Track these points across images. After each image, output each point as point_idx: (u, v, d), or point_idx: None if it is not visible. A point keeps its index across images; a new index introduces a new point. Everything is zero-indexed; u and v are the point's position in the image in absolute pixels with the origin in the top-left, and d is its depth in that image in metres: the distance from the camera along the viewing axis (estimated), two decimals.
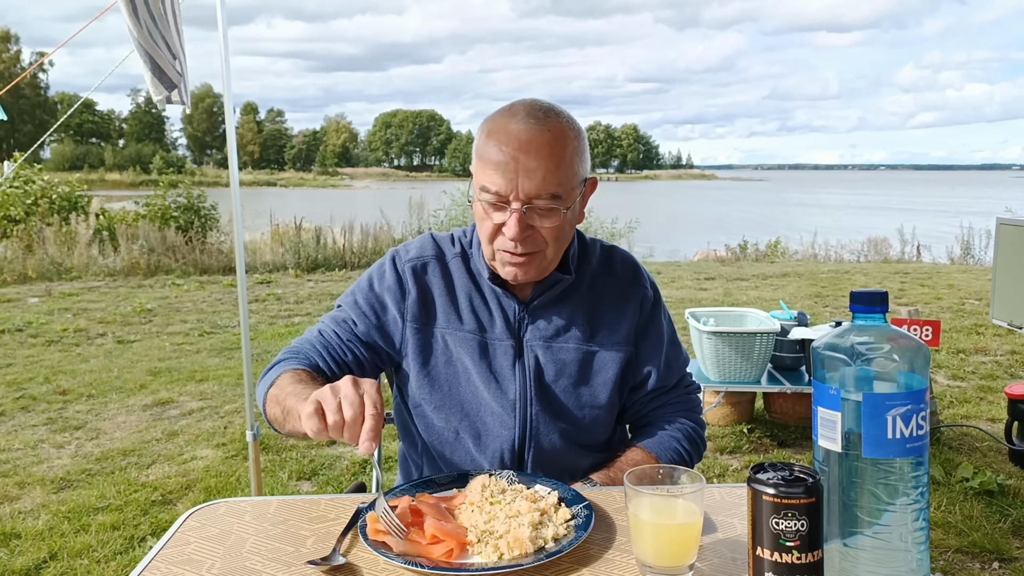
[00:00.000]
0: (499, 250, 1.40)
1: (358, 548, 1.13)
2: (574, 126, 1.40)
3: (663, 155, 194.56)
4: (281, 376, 1.40)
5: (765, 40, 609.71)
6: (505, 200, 1.35)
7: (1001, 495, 3.36)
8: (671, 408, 1.59)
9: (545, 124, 1.35)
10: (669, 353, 1.59)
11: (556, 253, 1.43)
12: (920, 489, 0.94)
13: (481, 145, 1.38)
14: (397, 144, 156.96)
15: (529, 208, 1.35)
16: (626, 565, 1.08)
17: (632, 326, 1.53)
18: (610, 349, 1.51)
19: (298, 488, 3.69)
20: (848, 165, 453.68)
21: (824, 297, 8.64)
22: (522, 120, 1.35)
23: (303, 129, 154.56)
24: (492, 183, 1.34)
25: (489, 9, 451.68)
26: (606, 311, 1.52)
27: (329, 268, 11.54)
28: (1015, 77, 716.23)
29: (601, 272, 1.55)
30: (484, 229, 1.40)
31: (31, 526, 3.25)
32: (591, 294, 1.53)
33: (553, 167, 1.34)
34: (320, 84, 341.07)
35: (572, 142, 1.37)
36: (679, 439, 1.53)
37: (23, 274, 10.45)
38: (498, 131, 1.36)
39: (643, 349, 1.55)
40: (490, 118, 1.41)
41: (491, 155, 1.35)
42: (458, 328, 1.48)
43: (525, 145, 1.33)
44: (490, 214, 1.38)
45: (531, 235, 1.37)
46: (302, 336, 1.56)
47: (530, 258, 1.40)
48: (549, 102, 1.42)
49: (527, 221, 1.35)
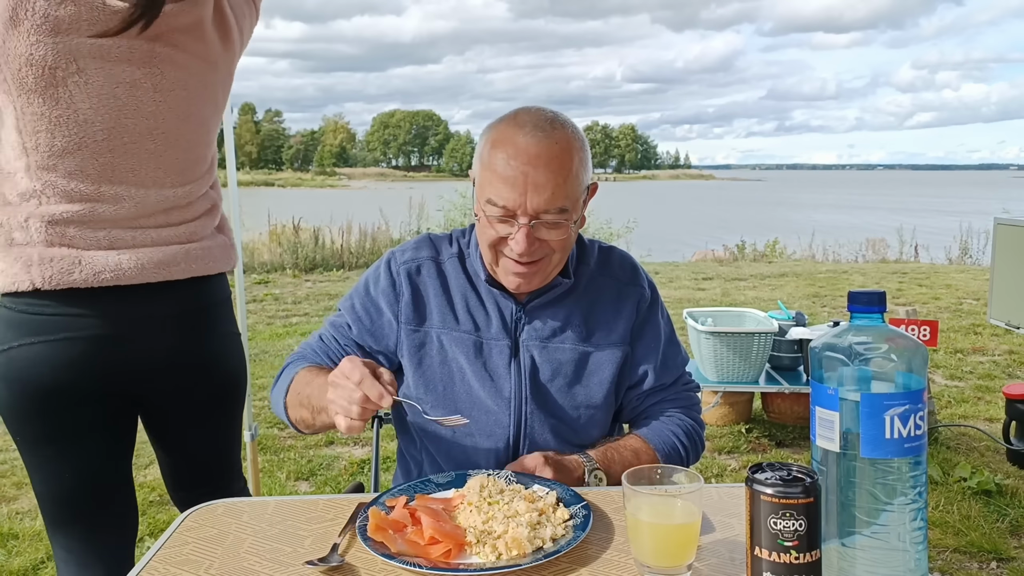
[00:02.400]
0: (503, 258, 1.40)
1: (356, 548, 1.13)
2: (578, 135, 1.40)
3: (661, 155, 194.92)
4: (295, 379, 1.44)
5: (763, 40, 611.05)
6: (512, 214, 1.35)
7: (999, 495, 3.36)
8: (669, 405, 1.59)
9: (553, 136, 1.34)
10: (667, 352, 1.58)
11: (560, 260, 1.44)
12: (918, 489, 0.94)
13: (486, 155, 1.37)
14: (395, 144, 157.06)
15: (536, 222, 1.35)
16: (624, 565, 1.08)
17: (629, 325, 1.53)
18: (606, 349, 1.51)
19: (296, 488, 3.69)
20: (846, 165, 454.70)
21: (822, 297, 8.65)
22: (530, 133, 1.34)
23: (301, 129, 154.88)
24: (500, 197, 1.34)
25: (487, 10, 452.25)
26: (603, 311, 1.53)
27: (327, 268, 11.52)
28: (1012, 77, 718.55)
29: (599, 273, 1.56)
30: (487, 237, 1.40)
31: (29, 527, 3.24)
32: (588, 294, 1.53)
33: (562, 181, 1.34)
34: (319, 84, 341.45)
35: (578, 153, 1.37)
36: (677, 434, 1.53)
37: None
38: (505, 143, 1.35)
39: (640, 348, 1.55)
40: (495, 126, 1.40)
41: (498, 168, 1.34)
42: (454, 328, 1.49)
43: (534, 160, 1.32)
44: (495, 226, 1.37)
45: (538, 247, 1.37)
46: (306, 341, 1.60)
47: (535, 267, 1.40)
48: (552, 110, 1.41)
49: (535, 235, 1.36)
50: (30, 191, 1.44)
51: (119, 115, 1.47)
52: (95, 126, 1.45)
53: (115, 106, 1.46)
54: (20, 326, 1.46)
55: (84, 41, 1.42)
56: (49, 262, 1.44)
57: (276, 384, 1.53)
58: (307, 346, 1.58)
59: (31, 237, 1.45)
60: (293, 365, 1.52)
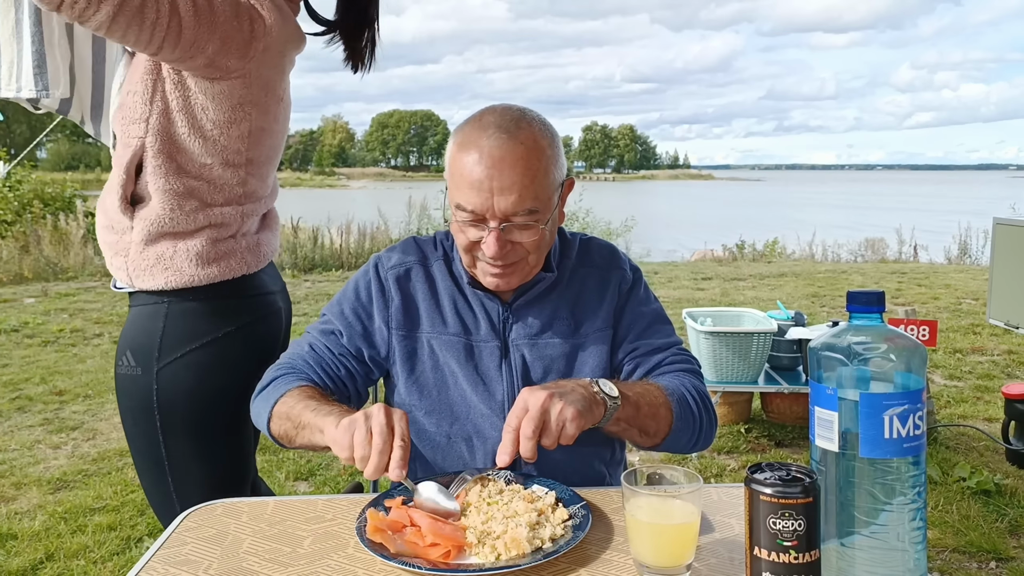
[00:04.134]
0: (479, 260, 1.39)
1: (355, 548, 1.13)
2: (547, 132, 1.36)
3: (660, 155, 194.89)
4: (288, 393, 1.38)
5: (762, 41, 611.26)
6: (481, 219, 1.33)
7: (998, 495, 3.37)
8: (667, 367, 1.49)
9: (517, 137, 1.32)
10: (654, 325, 1.52)
11: (539, 260, 1.42)
12: (917, 489, 0.94)
13: (453, 158, 1.35)
14: (394, 144, 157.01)
15: (507, 225, 1.33)
16: (623, 565, 1.08)
17: (612, 307, 1.50)
18: (595, 340, 1.49)
19: (295, 489, 3.69)
20: (845, 165, 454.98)
21: (821, 297, 8.65)
22: (493, 135, 1.31)
23: (300, 129, 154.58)
24: (467, 202, 1.32)
25: (487, 10, 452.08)
26: (588, 300, 1.51)
27: (326, 268, 11.52)
28: (1011, 77, 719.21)
29: (580, 264, 1.54)
30: (460, 241, 1.39)
31: (27, 527, 3.24)
32: (572, 287, 1.51)
33: (528, 182, 1.31)
34: (318, 84, 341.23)
35: (545, 152, 1.34)
36: (684, 386, 1.44)
37: (19, 274, 10.43)
38: (469, 146, 1.33)
39: (623, 326, 1.51)
40: (461, 128, 1.38)
41: (464, 172, 1.32)
42: (443, 332, 1.48)
43: (498, 163, 1.29)
44: (466, 231, 1.36)
45: (511, 249, 1.36)
46: (290, 351, 1.52)
47: (512, 268, 1.38)
48: (520, 108, 1.38)
49: (506, 237, 1.34)
50: (246, 194, 1.71)
51: (286, 125, 1.82)
52: (281, 136, 1.79)
53: (286, 117, 1.80)
54: (226, 313, 1.69)
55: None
56: (256, 247, 1.75)
57: (261, 394, 1.44)
58: (296, 356, 1.48)
59: (248, 228, 1.74)
60: (283, 379, 1.42)
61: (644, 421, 1.34)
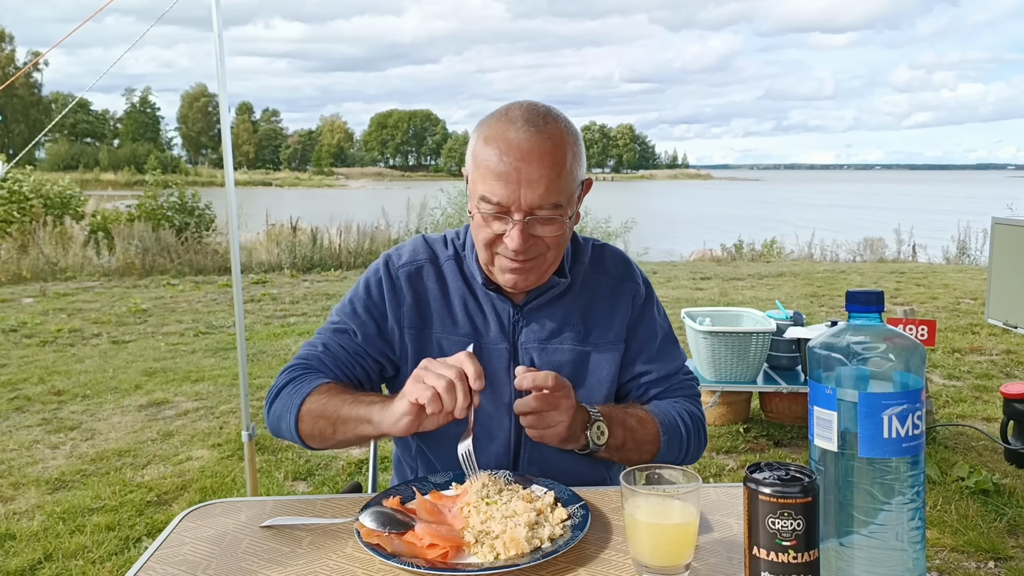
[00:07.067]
0: (499, 256, 1.39)
1: (353, 548, 1.13)
2: (572, 130, 1.38)
3: (659, 155, 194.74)
4: (316, 391, 1.36)
5: (760, 41, 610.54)
6: (506, 211, 1.33)
7: (996, 494, 3.37)
8: (669, 394, 1.55)
9: (545, 131, 1.32)
10: (663, 347, 1.56)
11: (556, 258, 1.42)
12: (916, 488, 0.94)
13: (479, 152, 1.35)
14: (392, 144, 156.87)
15: (531, 219, 1.33)
16: (622, 565, 1.08)
17: (624, 322, 1.52)
18: (604, 348, 1.50)
19: (294, 488, 3.69)
20: (844, 165, 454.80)
21: (820, 297, 8.66)
22: (522, 128, 1.32)
23: (298, 129, 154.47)
24: (493, 194, 1.32)
25: (486, 10, 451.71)
26: (599, 309, 1.51)
27: (325, 268, 11.52)
28: (1009, 77, 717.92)
29: (593, 271, 1.54)
30: (482, 236, 1.38)
31: (26, 527, 3.24)
32: (584, 294, 1.52)
33: (555, 176, 1.32)
34: (317, 84, 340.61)
35: (572, 147, 1.35)
36: (679, 412, 1.49)
37: (18, 274, 10.42)
38: (496, 139, 1.33)
39: (635, 344, 1.53)
40: (486, 122, 1.38)
41: (491, 164, 1.32)
42: (453, 332, 1.47)
43: (527, 155, 1.30)
44: (490, 224, 1.36)
45: (533, 243, 1.36)
46: (303, 352, 1.49)
47: (531, 264, 1.38)
48: (545, 104, 1.39)
49: (529, 231, 1.34)
50: None
51: None
52: None
53: None
54: None
55: None
56: None
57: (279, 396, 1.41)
58: (311, 356, 1.46)
59: None
60: (303, 379, 1.40)
61: (626, 455, 1.42)
